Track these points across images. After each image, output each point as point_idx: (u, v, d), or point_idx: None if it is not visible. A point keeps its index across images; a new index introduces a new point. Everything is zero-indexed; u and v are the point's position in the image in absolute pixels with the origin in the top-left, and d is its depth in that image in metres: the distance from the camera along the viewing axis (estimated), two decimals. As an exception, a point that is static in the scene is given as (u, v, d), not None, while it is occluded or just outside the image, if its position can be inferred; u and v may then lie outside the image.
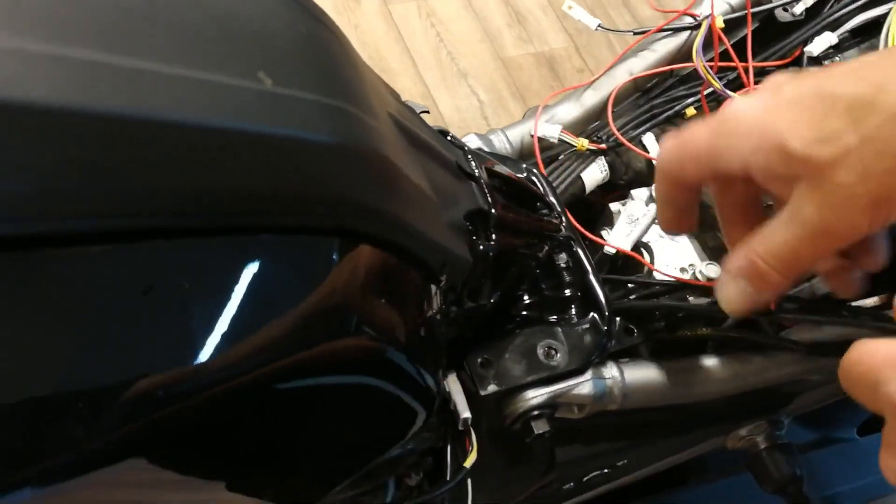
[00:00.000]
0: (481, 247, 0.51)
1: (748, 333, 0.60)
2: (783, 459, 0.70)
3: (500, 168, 0.58)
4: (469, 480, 0.59)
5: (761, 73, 0.70)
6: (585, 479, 0.69)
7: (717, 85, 0.65)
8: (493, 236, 0.52)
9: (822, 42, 0.70)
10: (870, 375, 0.38)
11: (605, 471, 0.68)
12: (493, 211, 0.52)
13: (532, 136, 0.70)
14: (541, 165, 0.69)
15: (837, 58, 0.70)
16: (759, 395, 0.68)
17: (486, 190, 0.53)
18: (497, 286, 0.54)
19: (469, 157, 0.54)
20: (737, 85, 0.70)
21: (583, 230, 0.65)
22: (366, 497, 0.57)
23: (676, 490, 0.88)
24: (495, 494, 0.65)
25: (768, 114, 0.43)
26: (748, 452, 0.71)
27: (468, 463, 0.55)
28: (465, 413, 0.56)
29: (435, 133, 0.53)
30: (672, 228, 0.52)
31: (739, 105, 0.44)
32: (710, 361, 0.61)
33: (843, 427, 0.97)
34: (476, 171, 0.53)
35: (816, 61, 0.69)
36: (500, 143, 0.69)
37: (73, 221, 0.30)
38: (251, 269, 0.35)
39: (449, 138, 0.56)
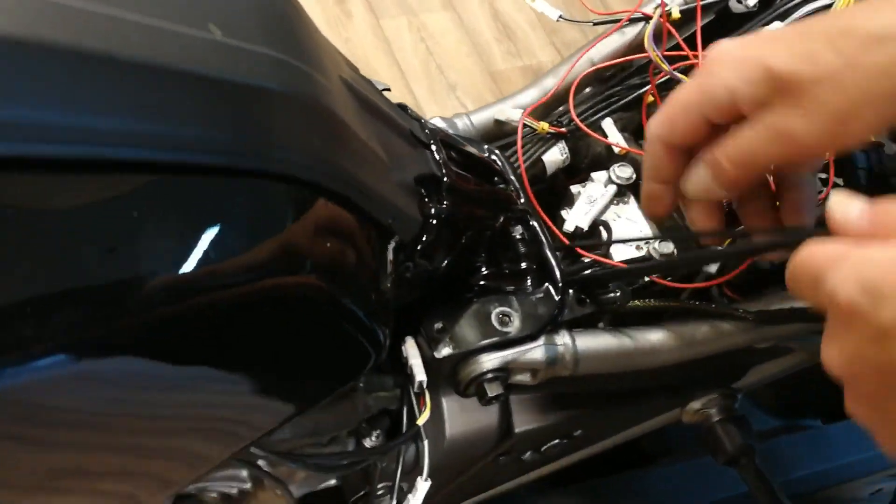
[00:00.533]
0: (432, 209, 0.54)
1: (699, 304, 0.62)
2: (735, 431, 0.72)
3: (459, 143, 0.61)
4: (426, 441, 0.61)
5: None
6: (544, 448, 0.71)
7: (666, 67, 0.69)
8: (445, 201, 0.54)
9: (773, 32, 0.73)
10: (813, 273, 0.40)
11: (564, 441, 0.71)
12: (445, 177, 0.55)
13: (495, 120, 0.73)
14: (520, 151, 0.72)
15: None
16: (711, 367, 0.71)
17: (439, 158, 0.55)
18: (450, 250, 0.57)
19: (425, 128, 0.57)
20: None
21: (540, 210, 0.67)
22: (327, 459, 0.59)
23: (642, 470, 0.90)
24: (458, 463, 0.68)
25: (750, 46, 0.47)
26: (702, 426, 0.74)
27: (421, 420, 0.58)
28: (421, 376, 0.59)
29: (391, 104, 0.56)
30: (654, 205, 0.55)
31: (723, 44, 0.48)
32: (661, 330, 0.64)
33: (809, 415, 0.99)
34: (430, 140, 0.56)
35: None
36: (465, 126, 0.72)
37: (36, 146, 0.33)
38: (199, 205, 0.38)
39: (408, 112, 0.59)
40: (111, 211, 0.35)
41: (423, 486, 0.60)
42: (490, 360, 0.60)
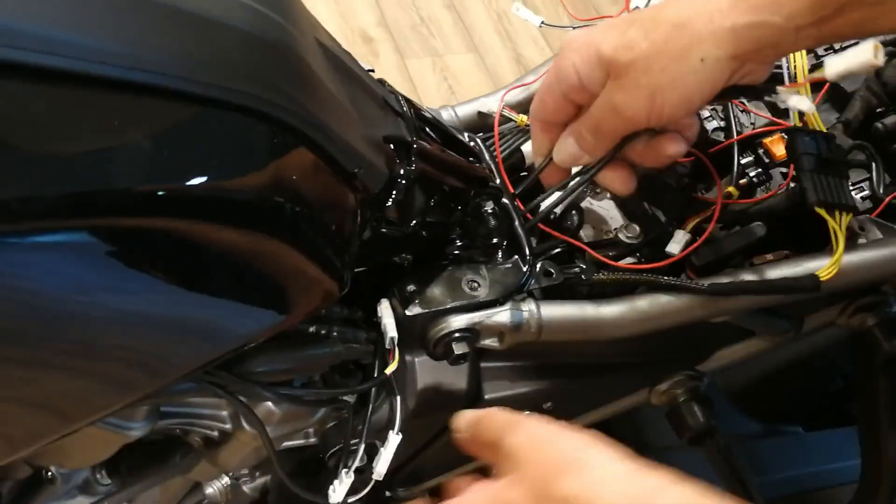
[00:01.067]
0: (401, 170, 0.59)
1: (657, 277, 0.67)
2: (699, 411, 0.75)
3: (435, 119, 0.67)
4: (398, 396, 0.65)
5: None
6: (514, 420, 0.74)
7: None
8: (414, 164, 0.60)
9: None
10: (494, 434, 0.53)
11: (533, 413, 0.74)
12: (414, 143, 0.60)
13: (479, 113, 0.78)
14: (497, 139, 0.77)
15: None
16: (674, 345, 0.74)
17: (410, 125, 0.61)
18: (419, 214, 0.62)
19: (399, 99, 0.63)
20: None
21: (511, 188, 0.72)
22: (298, 392, 0.63)
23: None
24: (428, 423, 0.72)
25: (592, 33, 0.59)
26: (669, 406, 0.77)
27: (389, 369, 0.62)
28: (392, 332, 0.63)
29: (368, 75, 0.62)
30: (547, 177, 0.69)
31: (573, 33, 0.62)
32: (622, 303, 0.68)
33: (791, 422, 1.01)
34: (404, 109, 0.62)
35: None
36: (450, 117, 0.78)
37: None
38: (166, 125, 0.44)
39: (385, 85, 0.64)
40: (90, 120, 0.41)
41: (394, 438, 0.64)
42: (457, 321, 0.65)
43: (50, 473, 0.61)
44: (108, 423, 0.56)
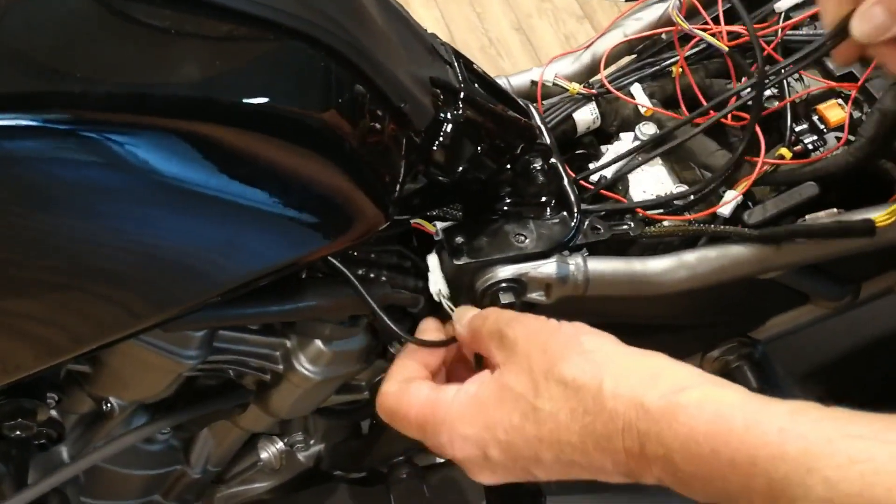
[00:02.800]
0: (448, 114, 0.60)
1: (704, 226, 0.67)
2: (752, 375, 0.74)
3: (485, 74, 0.69)
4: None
5: (736, 36, 0.78)
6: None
7: (685, 25, 0.75)
8: (461, 110, 0.61)
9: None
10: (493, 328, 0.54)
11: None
12: (462, 91, 0.62)
13: (532, 82, 0.80)
14: (540, 106, 0.79)
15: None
16: (726, 308, 0.74)
17: (459, 73, 0.63)
18: (465, 161, 0.63)
19: (450, 51, 0.65)
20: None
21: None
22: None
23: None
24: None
25: None
26: (722, 372, 0.76)
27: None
28: (440, 286, 0.65)
29: (417, 23, 0.64)
30: (840, 58, 0.58)
31: None
32: (669, 257, 0.68)
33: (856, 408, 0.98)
34: (452, 60, 0.64)
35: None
36: (504, 85, 0.80)
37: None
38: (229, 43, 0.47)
39: (438, 39, 0.66)
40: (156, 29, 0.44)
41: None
42: (504, 271, 0.66)
43: (109, 405, 0.63)
44: (161, 349, 0.58)
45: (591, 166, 0.77)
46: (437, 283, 0.65)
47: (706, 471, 0.43)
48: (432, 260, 0.66)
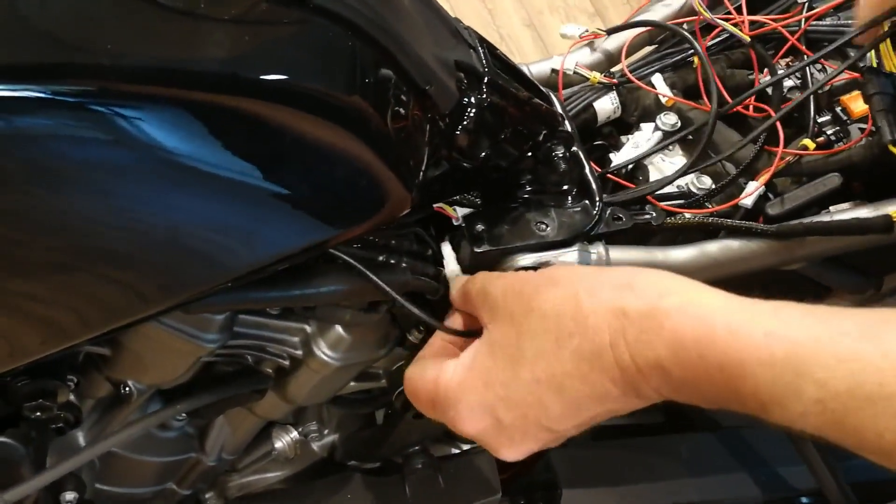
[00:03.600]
0: (472, 98, 0.60)
1: (721, 220, 0.66)
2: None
3: (509, 60, 0.68)
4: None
5: (758, 26, 0.78)
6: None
7: (708, 14, 0.74)
8: (485, 94, 0.61)
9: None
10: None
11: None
12: (487, 75, 0.61)
13: (552, 70, 0.80)
14: (560, 94, 0.78)
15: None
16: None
17: (484, 59, 0.62)
18: (488, 146, 0.63)
19: (474, 36, 0.64)
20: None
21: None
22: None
23: (685, 434, 0.91)
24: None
25: None
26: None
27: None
28: (453, 266, 0.64)
29: (442, 8, 0.63)
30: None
31: None
32: (690, 248, 0.68)
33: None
34: (476, 44, 0.63)
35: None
36: (525, 73, 0.79)
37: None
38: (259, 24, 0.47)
39: (462, 24, 0.66)
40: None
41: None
42: (525, 259, 0.65)
43: (126, 389, 0.63)
44: (182, 332, 0.58)
45: (613, 156, 0.77)
46: (452, 270, 0.65)
47: (696, 375, 0.43)
48: (446, 248, 0.65)
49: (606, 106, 0.79)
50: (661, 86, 0.78)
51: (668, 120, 0.76)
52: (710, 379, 0.43)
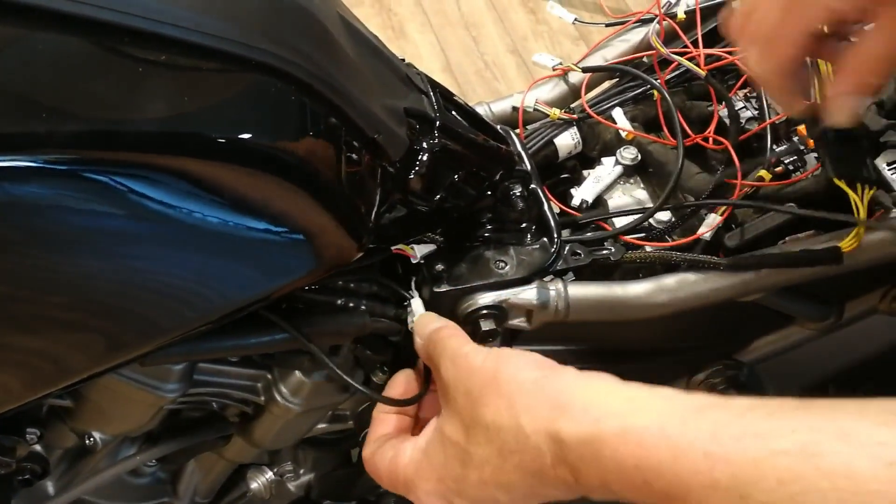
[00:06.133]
0: (424, 143, 0.61)
1: (677, 254, 0.67)
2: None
3: (462, 102, 0.69)
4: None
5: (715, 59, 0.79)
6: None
7: (664, 50, 0.75)
8: (437, 139, 0.61)
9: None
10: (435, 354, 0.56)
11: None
12: (438, 119, 0.62)
13: (513, 108, 0.81)
14: (521, 132, 0.79)
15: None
16: (708, 330, 0.74)
17: (435, 103, 0.63)
18: (443, 189, 0.63)
19: (425, 80, 0.65)
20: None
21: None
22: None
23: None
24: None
25: None
26: (707, 396, 0.76)
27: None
28: (421, 310, 0.65)
29: (392, 53, 0.64)
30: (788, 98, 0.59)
31: None
32: (647, 282, 0.68)
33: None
34: (428, 89, 0.64)
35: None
36: (485, 113, 0.80)
37: None
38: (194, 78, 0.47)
39: (413, 68, 0.67)
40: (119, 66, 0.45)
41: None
42: (485, 298, 0.66)
43: (91, 440, 0.64)
44: (142, 383, 0.58)
45: (573, 191, 0.78)
46: (419, 310, 0.65)
47: (642, 495, 0.43)
48: (416, 303, 0.65)
49: (567, 141, 0.79)
50: (621, 120, 0.79)
51: (629, 154, 0.77)
52: (658, 500, 0.43)
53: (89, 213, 0.45)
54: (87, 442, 0.64)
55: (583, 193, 0.77)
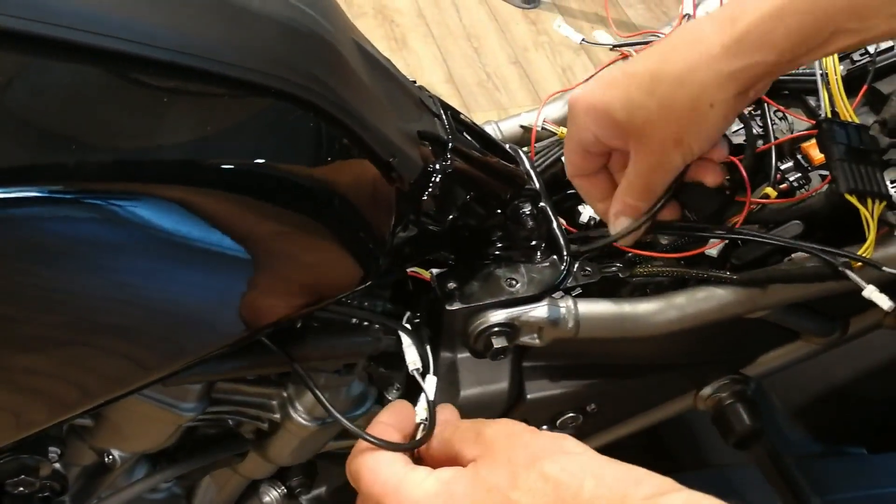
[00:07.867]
0: (437, 165, 0.62)
1: (687, 269, 0.68)
2: (745, 412, 0.75)
3: (473, 123, 0.70)
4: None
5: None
6: (559, 422, 0.76)
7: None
8: (450, 161, 0.63)
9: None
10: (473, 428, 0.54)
11: (578, 415, 0.75)
12: (450, 141, 0.63)
13: (521, 126, 0.82)
14: (533, 150, 0.80)
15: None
16: (716, 346, 0.75)
17: (447, 126, 0.64)
18: (456, 210, 0.65)
19: (437, 103, 0.66)
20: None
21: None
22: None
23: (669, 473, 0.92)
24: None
25: (594, 94, 0.62)
26: (714, 410, 0.77)
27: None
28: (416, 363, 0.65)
29: (405, 76, 0.65)
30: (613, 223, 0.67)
31: (577, 93, 0.64)
32: (657, 299, 0.69)
33: (855, 443, 0.99)
34: (441, 111, 0.65)
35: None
36: (493, 132, 0.81)
37: None
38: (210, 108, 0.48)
39: (425, 91, 0.68)
40: (136, 96, 0.46)
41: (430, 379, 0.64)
42: (496, 315, 0.67)
43: (110, 458, 0.65)
44: (161, 402, 0.60)
45: (580, 208, 0.79)
46: (413, 362, 0.63)
47: None
48: (405, 339, 0.66)
49: (575, 159, 0.80)
50: (628, 138, 0.80)
51: (636, 171, 0.78)
52: None
53: (113, 245, 0.46)
54: (106, 459, 0.65)
55: (591, 210, 0.78)
